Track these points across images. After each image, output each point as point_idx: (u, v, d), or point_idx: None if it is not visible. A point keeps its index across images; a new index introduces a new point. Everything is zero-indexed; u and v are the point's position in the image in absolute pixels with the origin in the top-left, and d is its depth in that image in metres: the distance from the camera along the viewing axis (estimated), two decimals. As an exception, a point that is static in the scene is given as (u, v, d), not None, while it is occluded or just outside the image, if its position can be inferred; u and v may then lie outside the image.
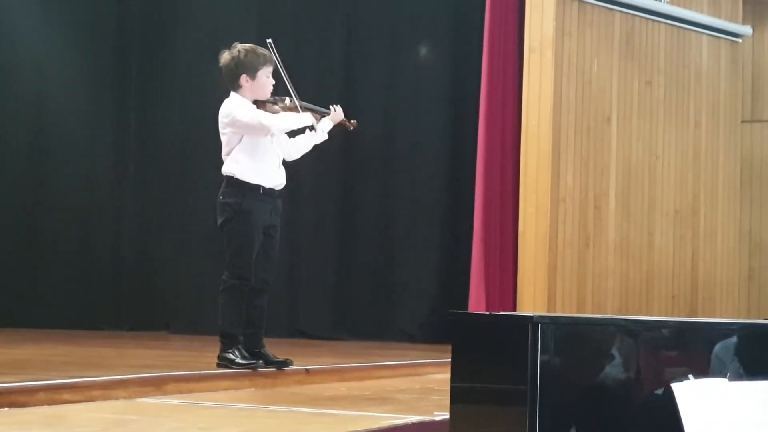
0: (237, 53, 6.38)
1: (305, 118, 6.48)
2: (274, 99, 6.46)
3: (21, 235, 12.19)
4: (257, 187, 6.35)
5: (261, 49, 6.44)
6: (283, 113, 6.41)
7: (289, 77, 6.47)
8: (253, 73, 6.36)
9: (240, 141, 6.34)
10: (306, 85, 9.19)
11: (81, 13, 12.15)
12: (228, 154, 6.38)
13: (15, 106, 12.23)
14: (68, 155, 12.08)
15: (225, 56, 6.42)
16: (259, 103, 6.39)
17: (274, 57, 6.42)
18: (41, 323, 11.36)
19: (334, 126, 6.68)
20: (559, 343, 3.73)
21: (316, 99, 6.95)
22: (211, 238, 10.05)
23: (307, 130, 6.60)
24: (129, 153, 12.08)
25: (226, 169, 6.37)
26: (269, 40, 6.45)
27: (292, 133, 6.55)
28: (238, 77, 6.36)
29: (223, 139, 6.40)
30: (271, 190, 6.42)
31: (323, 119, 6.61)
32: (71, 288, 11.91)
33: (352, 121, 6.76)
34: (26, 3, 12.26)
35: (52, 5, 12.27)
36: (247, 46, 6.44)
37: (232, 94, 6.41)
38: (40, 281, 11.97)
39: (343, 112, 6.72)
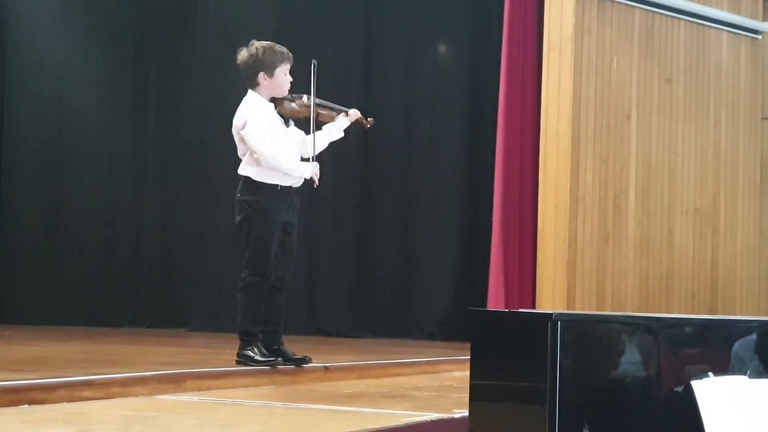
0: (255, 51, 6.39)
1: (303, 170, 6.41)
2: (291, 97, 6.47)
3: (41, 234, 12.25)
4: (274, 186, 6.36)
5: (279, 47, 6.45)
6: (287, 157, 6.36)
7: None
8: (271, 71, 6.37)
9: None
10: (325, 84, 9.20)
11: (100, 13, 12.21)
12: (244, 154, 6.40)
13: (35, 105, 12.30)
14: (88, 154, 12.13)
15: (243, 54, 6.43)
16: (276, 101, 6.40)
17: (311, 79, 6.41)
18: (62, 321, 11.41)
19: (352, 124, 6.69)
20: (579, 341, 3.73)
21: (335, 97, 6.95)
22: (230, 235, 10.07)
23: (325, 127, 6.59)
24: (148, 152, 12.11)
25: (243, 171, 6.39)
26: (314, 62, 6.44)
27: (309, 130, 6.54)
28: (256, 75, 6.37)
29: (237, 140, 6.41)
30: (288, 188, 6.43)
31: (339, 117, 6.62)
32: (91, 286, 11.96)
33: (368, 119, 6.78)
34: (47, 5, 12.32)
35: (71, 5, 12.32)
36: (265, 43, 6.45)
37: (250, 92, 6.41)
38: (61, 279, 12.03)
39: (361, 110, 6.73)
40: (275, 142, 6.32)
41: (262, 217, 6.33)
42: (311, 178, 6.47)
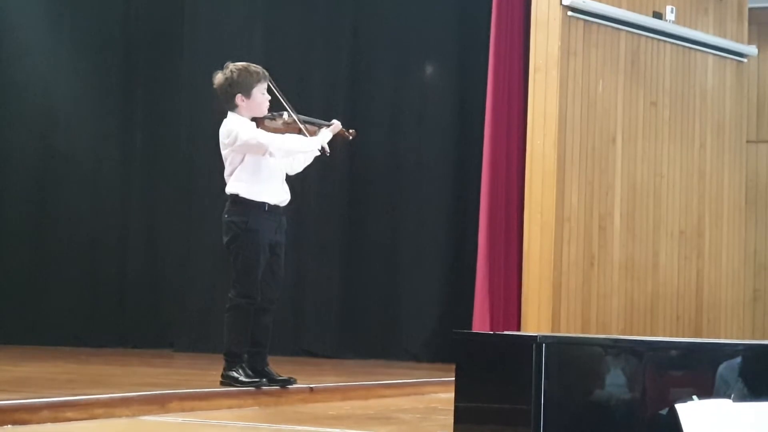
0: (230, 73, 6.38)
1: (310, 143, 6.46)
2: (272, 115, 6.46)
3: (27, 253, 12.18)
4: (262, 204, 6.36)
5: (254, 67, 6.45)
6: (286, 134, 6.42)
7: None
8: (247, 92, 6.37)
9: (242, 160, 6.36)
10: (312, 103, 9.23)
11: (88, 30, 12.18)
12: (231, 173, 6.39)
13: (22, 122, 12.25)
14: (74, 172, 12.08)
15: (218, 77, 6.42)
16: (257, 120, 6.40)
17: (274, 90, 6.44)
18: (46, 341, 11.36)
19: (335, 137, 6.67)
20: (564, 363, 3.73)
21: (322, 116, 6.96)
22: (215, 256, 10.07)
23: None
24: (135, 170, 12.08)
25: (230, 189, 6.39)
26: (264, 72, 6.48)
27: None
28: (234, 97, 6.37)
29: (225, 159, 6.41)
30: (275, 207, 6.43)
31: (322, 130, 6.60)
32: (76, 306, 11.89)
33: (350, 131, 6.77)
34: (34, 19, 12.30)
35: (59, 22, 12.30)
36: (240, 65, 6.44)
37: (230, 113, 6.42)
38: (46, 299, 11.96)
39: (347, 127, 6.74)
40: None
41: (249, 238, 6.32)
42: (322, 148, 6.48)
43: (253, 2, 11.41)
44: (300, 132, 6.49)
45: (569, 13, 8.96)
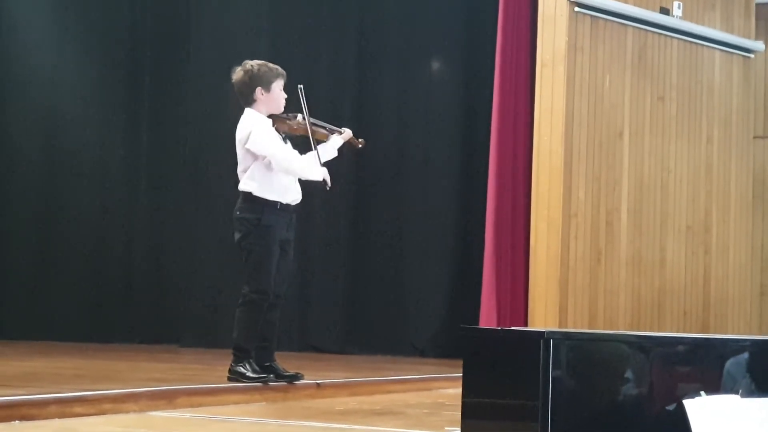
0: (250, 68, 6.45)
1: (313, 172, 6.47)
2: (287, 115, 6.50)
3: (33, 249, 12.21)
4: (274, 203, 6.38)
5: (272, 64, 6.52)
6: (295, 155, 6.43)
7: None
8: (267, 86, 6.41)
9: (256, 158, 6.37)
10: (318, 103, 9.20)
11: (94, 27, 12.21)
12: (244, 170, 6.40)
13: (28, 119, 12.28)
14: (81, 169, 12.11)
15: (238, 72, 6.47)
16: (273, 119, 6.43)
17: (302, 102, 6.45)
18: (53, 336, 11.38)
19: (344, 144, 6.72)
20: (571, 359, 3.73)
21: (329, 114, 6.98)
22: (221, 252, 10.08)
23: (319, 146, 6.59)
24: (141, 167, 12.10)
25: (243, 186, 6.40)
26: (300, 86, 6.48)
27: (302, 150, 6.56)
28: (253, 91, 6.40)
29: (239, 155, 6.42)
30: (287, 206, 6.45)
31: (333, 136, 6.66)
32: (83, 301, 11.92)
33: (360, 140, 6.83)
34: (40, 17, 12.32)
35: (65, 19, 12.32)
36: (259, 61, 6.52)
37: (247, 110, 6.43)
38: (53, 294, 11.99)
39: (354, 128, 6.77)
40: (283, 147, 6.37)
41: (262, 234, 6.33)
42: (323, 180, 6.50)
43: (260, 3, 11.40)
44: (309, 135, 6.50)
45: (576, 8, 8.96)
